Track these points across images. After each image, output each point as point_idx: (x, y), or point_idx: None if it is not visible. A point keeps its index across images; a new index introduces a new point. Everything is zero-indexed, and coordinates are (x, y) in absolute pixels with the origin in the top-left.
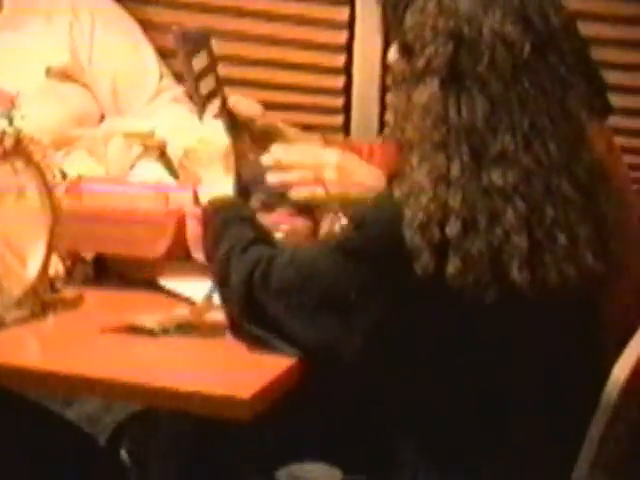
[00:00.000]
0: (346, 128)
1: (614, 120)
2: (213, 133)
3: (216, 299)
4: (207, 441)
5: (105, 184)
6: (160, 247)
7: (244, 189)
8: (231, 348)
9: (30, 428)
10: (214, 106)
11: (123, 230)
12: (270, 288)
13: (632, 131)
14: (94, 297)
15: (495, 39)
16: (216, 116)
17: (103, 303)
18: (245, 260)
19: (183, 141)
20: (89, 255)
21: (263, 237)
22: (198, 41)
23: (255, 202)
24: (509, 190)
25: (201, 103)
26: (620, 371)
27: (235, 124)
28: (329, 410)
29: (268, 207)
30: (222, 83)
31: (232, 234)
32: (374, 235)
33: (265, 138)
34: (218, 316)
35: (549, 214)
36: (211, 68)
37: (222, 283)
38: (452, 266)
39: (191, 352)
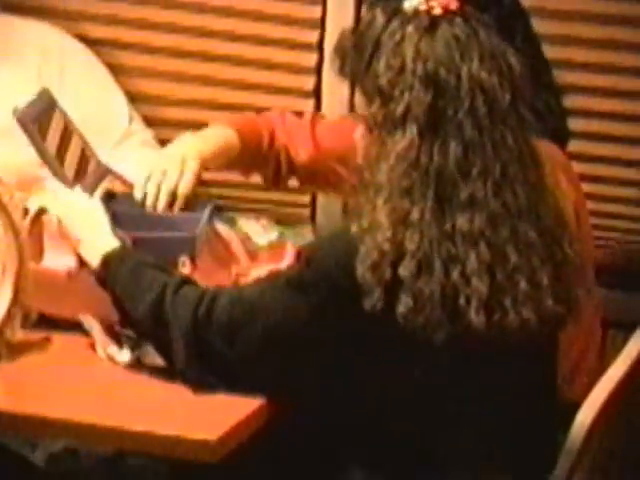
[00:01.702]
0: None
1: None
2: (75, 196)
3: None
4: None
5: None
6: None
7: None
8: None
9: None
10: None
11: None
12: (216, 325)
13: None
14: (61, 340)
15: (474, 86)
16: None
17: (70, 345)
18: (182, 302)
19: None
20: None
21: (186, 278)
22: (41, 113)
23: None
24: (475, 235)
25: (63, 175)
26: (584, 416)
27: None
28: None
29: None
30: (84, 139)
31: (149, 281)
32: (325, 269)
33: None
34: None
35: (512, 260)
36: (67, 131)
37: (158, 330)
38: (403, 306)
39: (157, 391)
